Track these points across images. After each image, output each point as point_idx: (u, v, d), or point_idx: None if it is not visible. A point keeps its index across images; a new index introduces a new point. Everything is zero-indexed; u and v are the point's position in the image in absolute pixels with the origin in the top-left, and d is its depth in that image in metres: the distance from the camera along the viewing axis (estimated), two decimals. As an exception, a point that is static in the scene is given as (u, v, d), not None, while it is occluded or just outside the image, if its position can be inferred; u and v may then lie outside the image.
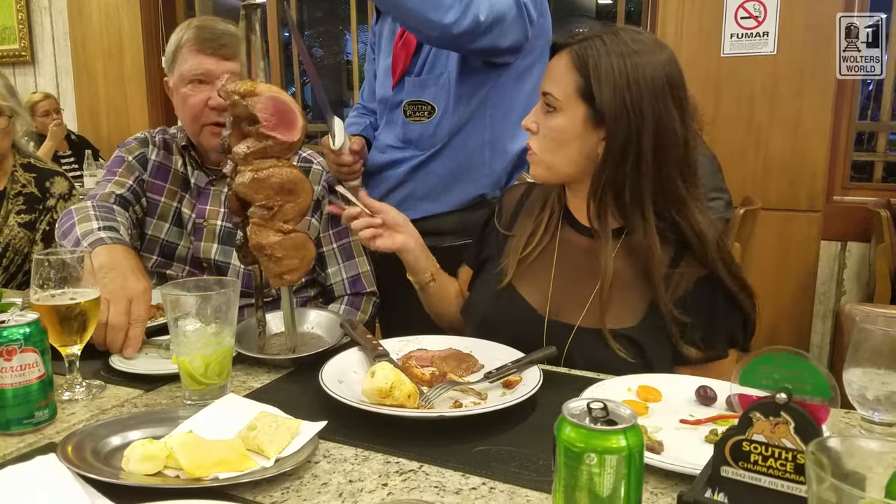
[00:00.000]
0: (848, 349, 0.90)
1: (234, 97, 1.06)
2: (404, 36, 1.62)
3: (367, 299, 1.61)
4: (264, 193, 1.08)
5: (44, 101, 4.22)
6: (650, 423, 0.90)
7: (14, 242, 1.89)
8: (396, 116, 1.66)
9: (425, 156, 1.63)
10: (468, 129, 1.60)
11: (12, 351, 0.88)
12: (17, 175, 1.95)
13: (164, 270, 1.59)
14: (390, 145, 1.68)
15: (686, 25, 3.14)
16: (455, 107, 1.58)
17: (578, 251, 1.25)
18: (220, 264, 1.55)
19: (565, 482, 0.61)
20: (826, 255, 3.16)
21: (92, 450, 0.82)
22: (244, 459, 0.79)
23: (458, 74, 1.56)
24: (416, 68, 1.62)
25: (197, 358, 0.97)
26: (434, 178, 1.63)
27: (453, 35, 1.38)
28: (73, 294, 1.02)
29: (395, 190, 1.67)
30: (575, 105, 1.15)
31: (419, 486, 0.78)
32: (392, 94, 1.67)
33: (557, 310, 1.21)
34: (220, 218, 1.56)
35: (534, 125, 1.20)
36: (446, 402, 0.98)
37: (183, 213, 1.58)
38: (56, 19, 4.63)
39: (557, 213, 1.28)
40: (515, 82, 1.59)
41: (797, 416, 0.62)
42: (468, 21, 1.37)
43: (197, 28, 1.50)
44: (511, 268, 1.26)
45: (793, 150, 3.03)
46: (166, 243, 1.57)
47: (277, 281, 1.13)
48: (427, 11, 1.35)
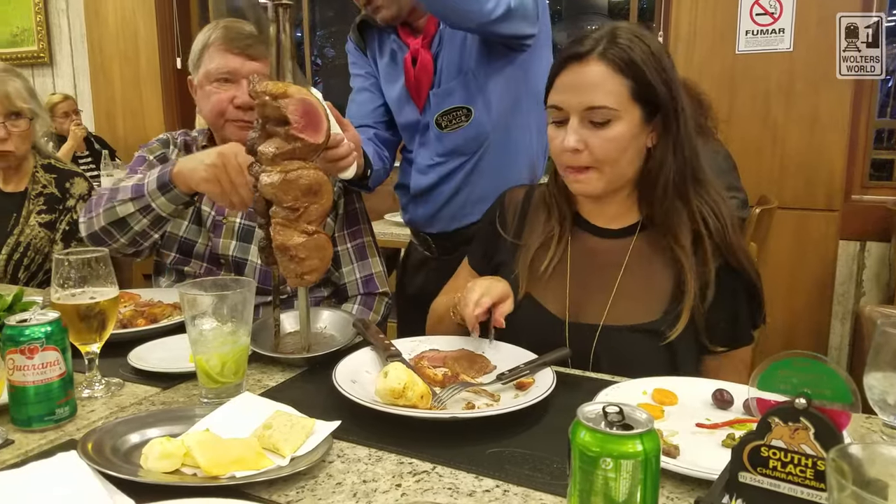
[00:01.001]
0: (868, 352, 0.89)
1: (264, 98, 1.06)
2: (418, 60, 1.58)
3: (379, 299, 1.62)
4: (292, 195, 1.08)
5: (63, 102, 4.27)
6: (666, 427, 0.89)
7: (35, 242, 1.91)
8: (429, 135, 1.62)
9: (474, 159, 1.60)
10: (509, 118, 1.57)
11: (34, 349, 0.90)
12: (38, 176, 1.97)
13: (182, 267, 1.60)
14: (431, 164, 1.63)
15: (700, 22, 3.11)
16: (490, 100, 1.56)
17: (592, 253, 1.24)
18: (237, 260, 1.57)
19: (580, 486, 0.60)
20: (844, 255, 3.11)
21: (111, 447, 0.83)
22: (260, 458, 0.80)
23: (483, 68, 1.54)
24: (437, 81, 1.58)
25: (213, 357, 0.98)
26: (486, 177, 1.60)
27: (488, 23, 1.38)
28: (92, 293, 1.03)
29: (448, 203, 1.64)
30: (631, 109, 1.13)
31: (433, 488, 0.78)
32: (421, 117, 1.63)
33: (577, 313, 1.21)
34: (238, 215, 1.58)
35: (580, 144, 1.13)
36: (459, 403, 0.98)
37: (202, 211, 1.59)
38: (73, 21, 4.68)
39: (569, 218, 1.27)
40: (536, 63, 1.57)
41: (817, 422, 0.62)
42: (502, 9, 1.37)
43: (225, 28, 1.53)
44: (524, 279, 1.24)
45: (810, 148, 2.99)
46: (184, 240, 1.59)
47: (297, 281, 1.13)
48: (468, 2, 1.35)
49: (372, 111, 1.72)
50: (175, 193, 1.34)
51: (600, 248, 1.24)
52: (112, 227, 1.39)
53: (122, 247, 1.42)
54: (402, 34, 1.61)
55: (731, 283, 1.18)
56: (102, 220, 1.39)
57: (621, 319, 1.17)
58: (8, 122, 1.89)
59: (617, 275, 1.20)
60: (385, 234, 2.74)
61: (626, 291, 1.19)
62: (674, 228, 1.17)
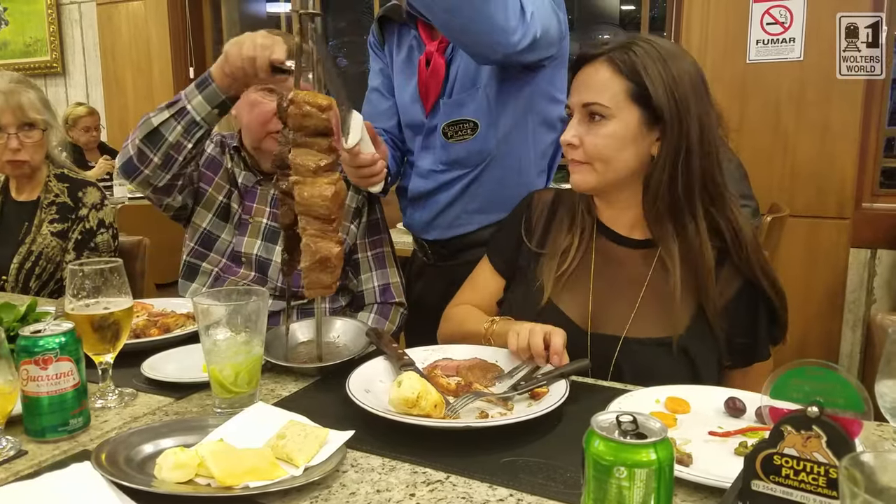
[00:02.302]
0: (880, 360, 0.89)
1: (308, 108, 1.06)
2: (431, 63, 1.58)
3: (395, 309, 1.63)
4: (336, 206, 1.08)
5: (87, 116, 4.33)
6: (679, 435, 0.89)
7: (47, 251, 1.93)
8: (434, 140, 1.62)
9: (475, 172, 1.59)
10: (513, 135, 1.57)
11: (48, 360, 0.90)
12: (50, 185, 1.99)
13: (199, 262, 1.61)
14: (433, 170, 1.63)
15: (711, 31, 3.12)
16: (498, 117, 1.55)
17: (615, 262, 1.25)
18: (262, 260, 1.58)
19: (594, 495, 0.60)
20: (855, 262, 3.10)
21: (125, 457, 0.83)
22: (274, 468, 0.80)
23: (497, 84, 1.53)
24: (448, 90, 1.58)
25: (227, 367, 0.98)
26: (486, 190, 1.60)
27: (513, 54, 1.37)
28: (106, 303, 1.04)
29: (445, 210, 1.64)
30: (627, 110, 1.15)
31: (446, 497, 0.78)
32: (426, 120, 1.63)
33: (599, 323, 1.21)
34: (265, 216, 1.60)
35: (575, 139, 1.19)
36: (472, 413, 0.98)
37: (231, 208, 1.61)
38: (86, 31, 4.73)
39: (590, 227, 1.28)
40: (548, 85, 1.57)
41: (829, 430, 0.62)
42: (528, 40, 1.35)
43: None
44: (548, 287, 1.25)
45: (820, 157, 2.99)
46: (206, 232, 1.60)
47: (324, 291, 1.13)
48: (494, 34, 1.32)
49: (384, 111, 1.73)
50: (212, 89, 1.36)
51: (624, 257, 1.25)
52: (146, 144, 1.40)
53: (154, 171, 1.42)
54: (422, 32, 1.61)
55: (753, 302, 1.19)
56: (137, 139, 1.40)
57: (644, 332, 1.18)
58: (21, 133, 1.91)
59: (641, 285, 1.21)
60: (398, 242, 2.74)
61: (649, 303, 1.19)
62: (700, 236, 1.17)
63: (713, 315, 1.17)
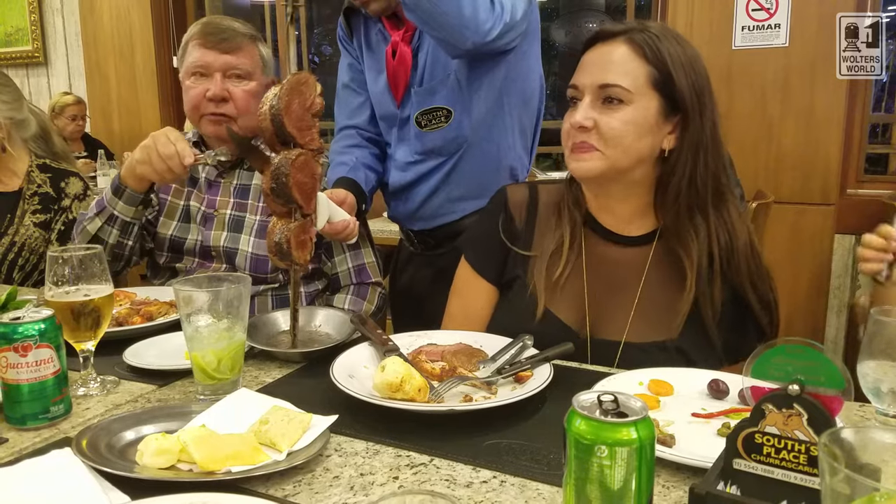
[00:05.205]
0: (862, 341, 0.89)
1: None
2: (397, 53, 1.56)
3: (372, 289, 1.62)
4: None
5: (73, 105, 4.29)
6: (662, 417, 0.89)
7: (30, 242, 1.91)
8: (408, 131, 1.61)
9: (453, 160, 1.58)
10: (490, 120, 1.56)
11: (28, 347, 0.89)
12: (32, 175, 1.96)
13: (175, 265, 1.63)
14: (409, 161, 1.62)
15: (696, 18, 3.12)
16: (472, 103, 1.54)
17: (608, 262, 1.21)
18: (228, 250, 1.58)
19: (576, 475, 0.60)
20: (840, 248, 3.12)
21: (106, 444, 0.83)
22: (256, 453, 0.80)
23: (468, 70, 1.52)
24: (418, 79, 1.57)
25: (209, 353, 0.97)
26: (467, 177, 1.59)
27: (483, 45, 1.36)
28: (87, 290, 1.03)
29: (428, 200, 1.63)
30: (648, 96, 1.09)
31: (430, 480, 0.78)
32: (398, 111, 1.61)
33: (597, 328, 1.18)
34: (229, 207, 1.60)
35: (589, 121, 1.10)
36: (456, 397, 0.98)
37: (191, 208, 1.62)
38: (68, 20, 4.67)
39: (579, 222, 1.22)
40: (522, 61, 1.56)
41: (810, 408, 0.62)
42: (499, 29, 1.35)
43: (203, 24, 1.57)
44: (541, 293, 1.19)
45: (806, 143, 3.00)
46: (175, 239, 1.61)
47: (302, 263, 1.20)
48: (464, 28, 1.32)
49: (357, 108, 1.71)
50: (129, 193, 1.43)
51: (617, 256, 1.20)
52: None
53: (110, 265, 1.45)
54: (386, 24, 1.60)
55: (739, 314, 1.18)
56: (80, 244, 1.44)
57: (644, 336, 1.15)
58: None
59: (636, 287, 1.17)
60: (385, 231, 2.74)
61: (646, 306, 1.16)
62: (687, 242, 1.14)
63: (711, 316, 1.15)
